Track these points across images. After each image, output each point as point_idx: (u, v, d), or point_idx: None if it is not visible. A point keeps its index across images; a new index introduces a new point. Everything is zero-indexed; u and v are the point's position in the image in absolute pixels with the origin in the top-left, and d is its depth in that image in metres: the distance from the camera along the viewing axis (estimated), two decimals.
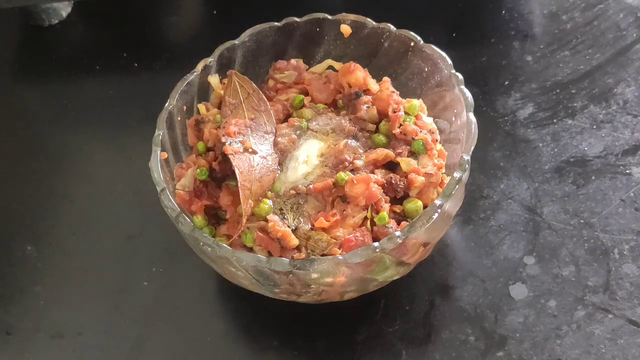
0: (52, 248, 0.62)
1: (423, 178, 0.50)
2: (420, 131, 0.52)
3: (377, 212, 0.49)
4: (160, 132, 0.53)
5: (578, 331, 0.52)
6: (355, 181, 0.49)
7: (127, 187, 0.64)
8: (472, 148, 0.49)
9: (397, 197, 0.50)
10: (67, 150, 0.69)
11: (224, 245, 0.47)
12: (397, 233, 0.46)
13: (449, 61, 0.54)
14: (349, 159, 0.51)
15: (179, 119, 0.55)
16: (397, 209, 0.50)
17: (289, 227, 0.49)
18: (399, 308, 0.55)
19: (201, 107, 0.56)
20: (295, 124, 0.54)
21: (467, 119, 0.51)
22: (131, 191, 0.64)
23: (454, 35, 0.71)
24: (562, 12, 0.71)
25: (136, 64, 0.73)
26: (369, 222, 0.49)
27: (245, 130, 0.53)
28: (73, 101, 0.71)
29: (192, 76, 0.56)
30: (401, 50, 0.57)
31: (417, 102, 0.54)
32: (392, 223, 0.49)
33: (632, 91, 0.64)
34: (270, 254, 0.48)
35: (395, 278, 0.51)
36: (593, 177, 0.59)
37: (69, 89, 0.73)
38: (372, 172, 0.51)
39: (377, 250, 0.45)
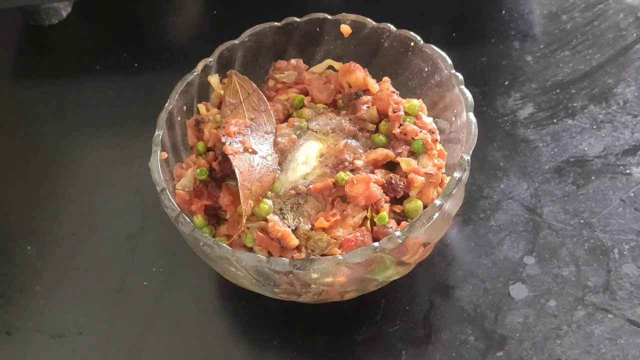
0: (52, 248, 0.62)
1: (423, 178, 0.50)
2: (420, 131, 0.52)
3: (377, 212, 0.49)
4: (160, 132, 0.53)
5: (578, 331, 0.52)
6: (355, 181, 0.49)
7: (127, 187, 0.64)
8: (472, 148, 0.49)
9: (397, 197, 0.50)
10: (67, 150, 0.69)
11: (224, 245, 0.47)
12: (397, 233, 0.46)
13: (449, 61, 0.54)
14: (349, 159, 0.51)
15: (179, 119, 0.55)
16: (397, 209, 0.50)
17: (289, 227, 0.49)
18: (399, 308, 0.55)
19: (201, 107, 0.56)
20: (295, 124, 0.53)
21: (467, 119, 0.51)
22: (131, 191, 0.64)
23: (454, 35, 0.71)
24: (562, 12, 0.71)
25: (136, 64, 0.73)
26: (369, 222, 0.49)
27: (245, 130, 0.53)
28: (73, 101, 0.71)
29: (192, 76, 0.56)
30: (401, 50, 0.57)
31: (417, 102, 0.54)
32: (392, 223, 0.49)
33: (632, 91, 0.64)
34: (270, 254, 0.48)
35: (395, 278, 0.51)
36: (593, 177, 0.59)
37: (69, 89, 0.73)
38: (372, 172, 0.51)
39: (377, 250, 0.45)
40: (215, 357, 0.55)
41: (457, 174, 0.48)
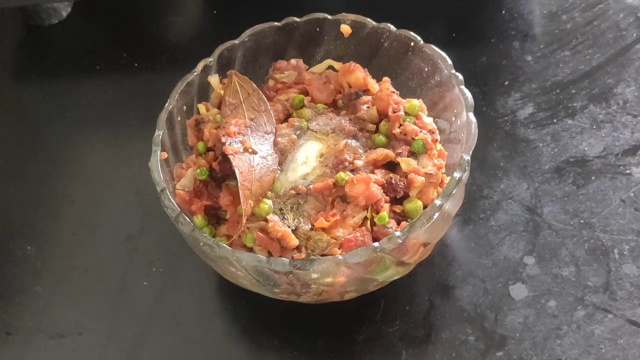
0: (52, 248, 0.62)
1: (423, 178, 0.50)
2: (420, 131, 0.52)
3: (377, 212, 0.49)
4: (160, 132, 0.53)
5: (578, 331, 0.52)
6: (355, 181, 0.49)
7: (127, 187, 0.64)
8: (472, 148, 0.49)
9: (397, 197, 0.50)
10: (67, 150, 0.69)
11: (224, 245, 0.47)
12: (397, 233, 0.46)
13: (449, 61, 0.54)
14: (349, 159, 0.51)
15: (179, 119, 0.55)
16: (397, 209, 0.50)
17: (289, 227, 0.49)
18: (399, 308, 0.55)
19: (201, 107, 0.56)
20: (295, 124, 0.53)
21: (467, 119, 0.51)
22: (131, 191, 0.64)
23: (454, 35, 0.71)
24: (562, 12, 0.71)
25: (136, 64, 0.73)
26: (369, 222, 0.49)
27: (245, 130, 0.53)
28: (73, 101, 0.71)
29: (192, 76, 0.56)
30: (401, 50, 0.57)
31: (417, 102, 0.54)
32: (392, 223, 0.49)
33: (632, 91, 0.64)
34: (270, 254, 0.48)
35: (395, 278, 0.51)
36: (593, 177, 0.59)
37: (69, 89, 0.73)
38: (372, 172, 0.51)
39: (377, 250, 0.45)
40: (215, 357, 0.55)
41: (457, 174, 0.48)
